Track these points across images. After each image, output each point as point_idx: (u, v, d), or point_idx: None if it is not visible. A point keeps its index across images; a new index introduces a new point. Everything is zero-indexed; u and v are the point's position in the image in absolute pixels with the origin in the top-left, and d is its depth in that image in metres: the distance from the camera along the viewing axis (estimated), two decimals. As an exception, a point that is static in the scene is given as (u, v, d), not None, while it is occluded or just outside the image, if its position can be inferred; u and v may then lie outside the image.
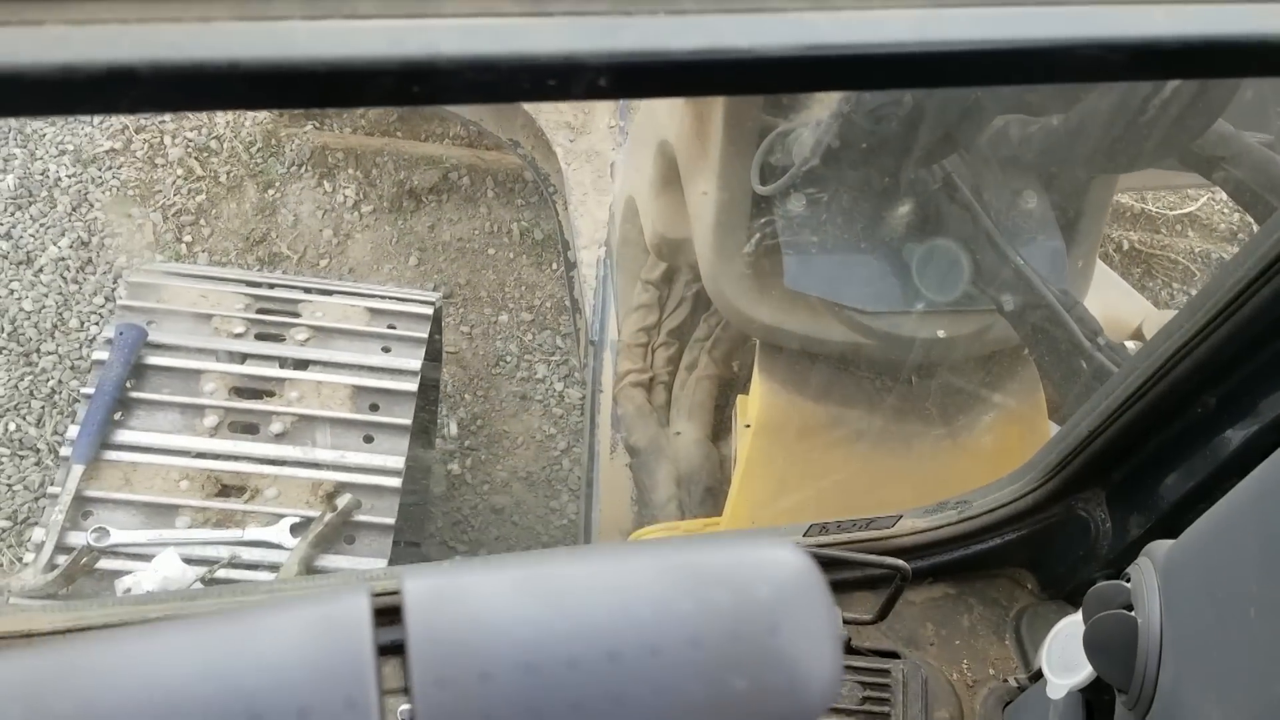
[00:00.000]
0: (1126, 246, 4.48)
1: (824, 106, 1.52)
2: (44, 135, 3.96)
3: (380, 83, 0.54)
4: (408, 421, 2.44)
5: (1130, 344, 2.09)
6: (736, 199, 1.63)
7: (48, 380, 3.43)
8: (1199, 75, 0.66)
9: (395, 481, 2.34)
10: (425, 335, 2.64)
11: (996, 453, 1.72)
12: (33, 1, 0.51)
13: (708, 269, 1.70)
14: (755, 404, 1.69)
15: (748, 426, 1.66)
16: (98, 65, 0.51)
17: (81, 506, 2.24)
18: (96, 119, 4.03)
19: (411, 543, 3.12)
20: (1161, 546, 0.98)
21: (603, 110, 3.49)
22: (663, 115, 1.94)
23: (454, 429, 3.41)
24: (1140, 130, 1.33)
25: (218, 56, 0.52)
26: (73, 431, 2.30)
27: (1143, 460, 1.27)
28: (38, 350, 3.49)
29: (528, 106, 3.55)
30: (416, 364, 2.55)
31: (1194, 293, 4.49)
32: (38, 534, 2.20)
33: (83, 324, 3.55)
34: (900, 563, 1.23)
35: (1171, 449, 1.23)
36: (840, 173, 1.54)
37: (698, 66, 0.57)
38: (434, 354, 2.91)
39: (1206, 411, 1.17)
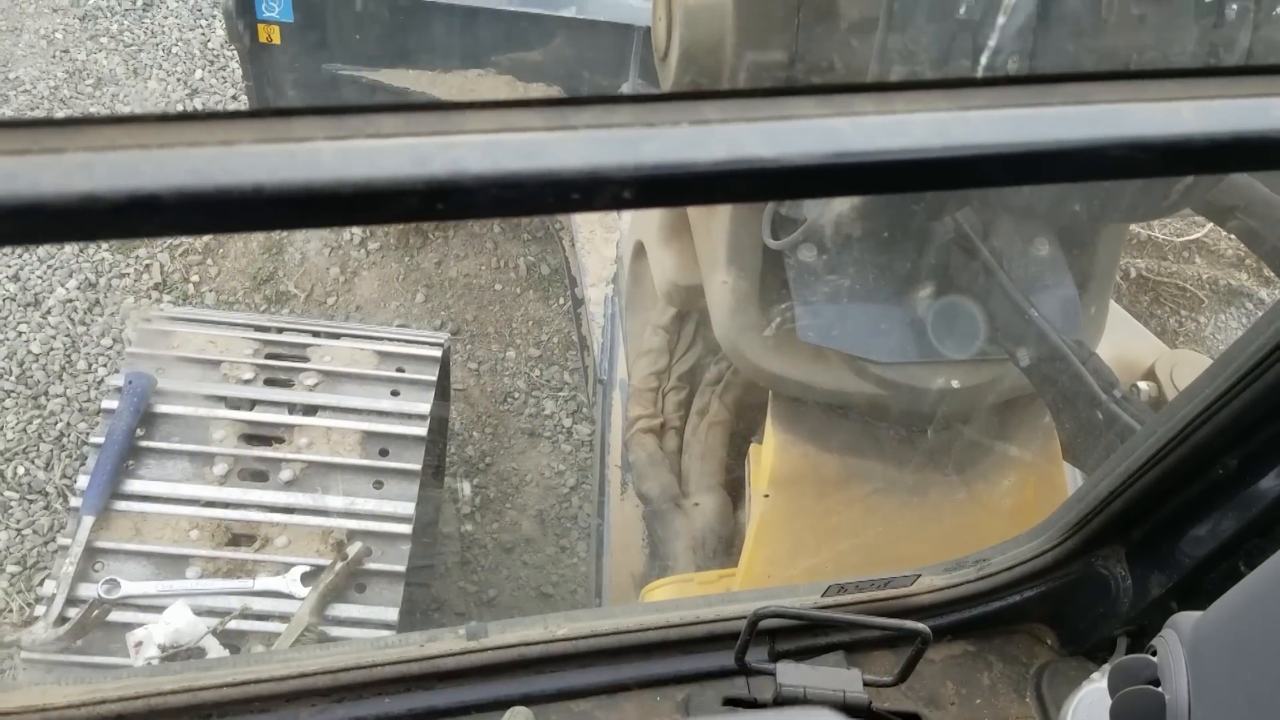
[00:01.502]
0: (1134, 274, 4.47)
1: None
2: (51, 177, 3.97)
3: (405, 201, 0.53)
4: (417, 467, 2.43)
5: (1143, 385, 2.08)
6: (748, 252, 1.62)
7: (56, 423, 3.43)
8: (1229, 170, 0.66)
9: (406, 528, 2.33)
10: (434, 378, 2.63)
11: (1011, 504, 1.70)
12: (53, 128, 0.51)
13: (720, 320, 1.69)
14: (769, 456, 1.68)
15: (766, 496, 1.65)
16: (120, 193, 0.50)
17: (92, 558, 2.23)
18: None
19: (420, 583, 3.10)
20: (1188, 619, 0.97)
21: (609, 147, 3.49)
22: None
23: (468, 490, 3.38)
24: (1158, 183, 1.33)
25: (242, 181, 0.51)
26: (83, 481, 2.29)
27: (1163, 519, 1.26)
28: (46, 393, 3.49)
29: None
30: (426, 407, 2.55)
31: (1202, 319, 4.48)
32: (48, 586, 2.19)
33: (90, 366, 3.55)
34: (921, 626, 1.21)
35: (1192, 509, 1.22)
36: (852, 225, 1.53)
37: (722, 176, 0.56)
38: (442, 392, 2.90)
39: (1228, 473, 1.16)
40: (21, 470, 3.34)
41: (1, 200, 0.49)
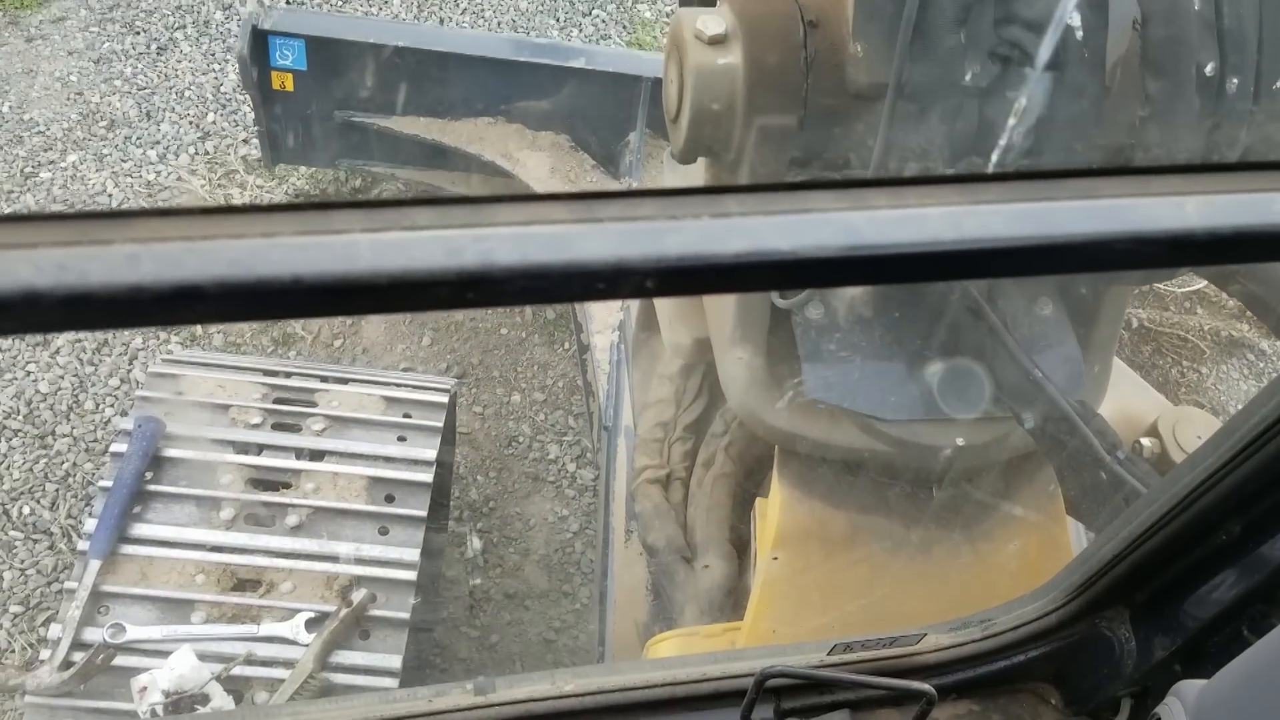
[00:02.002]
0: (1136, 324, 4.49)
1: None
2: (63, 217, 4.01)
3: (437, 292, 0.55)
4: (423, 513, 2.44)
5: (1146, 441, 2.09)
6: (755, 309, 1.65)
7: (62, 463, 3.44)
8: (1232, 262, 0.68)
9: (410, 575, 2.34)
10: (440, 424, 2.65)
11: (1016, 563, 1.71)
12: (101, 220, 0.53)
13: (727, 377, 1.71)
14: (775, 513, 1.69)
15: (775, 559, 1.66)
16: (165, 285, 0.52)
17: (98, 601, 2.24)
18: (116, 201, 4.09)
19: (423, 628, 3.10)
20: (1193, 688, 0.98)
21: (616, 195, 3.53)
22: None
23: (478, 544, 3.37)
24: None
25: (282, 273, 0.53)
26: (90, 525, 2.30)
27: (1167, 583, 1.27)
28: (53, 433, 3.51)
29: (540, 189, 3.61)
30: (432, 454, 2.56)
31: (1204, 370, 4.49)
32: (54, 630, 2.20)
33: (98, 406, 3.57)
34: (926, 687, 1.23)
35: (1196, 574, 1.23)
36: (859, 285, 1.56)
37: (741, 268, 0.58)
38: (448, 436, 2.92)
39: (1231, 539, 1.17)
40: (27, 510, 3.34)
41: (52, 290, 0.51)
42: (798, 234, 0.59)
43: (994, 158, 1.32)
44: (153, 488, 2.37)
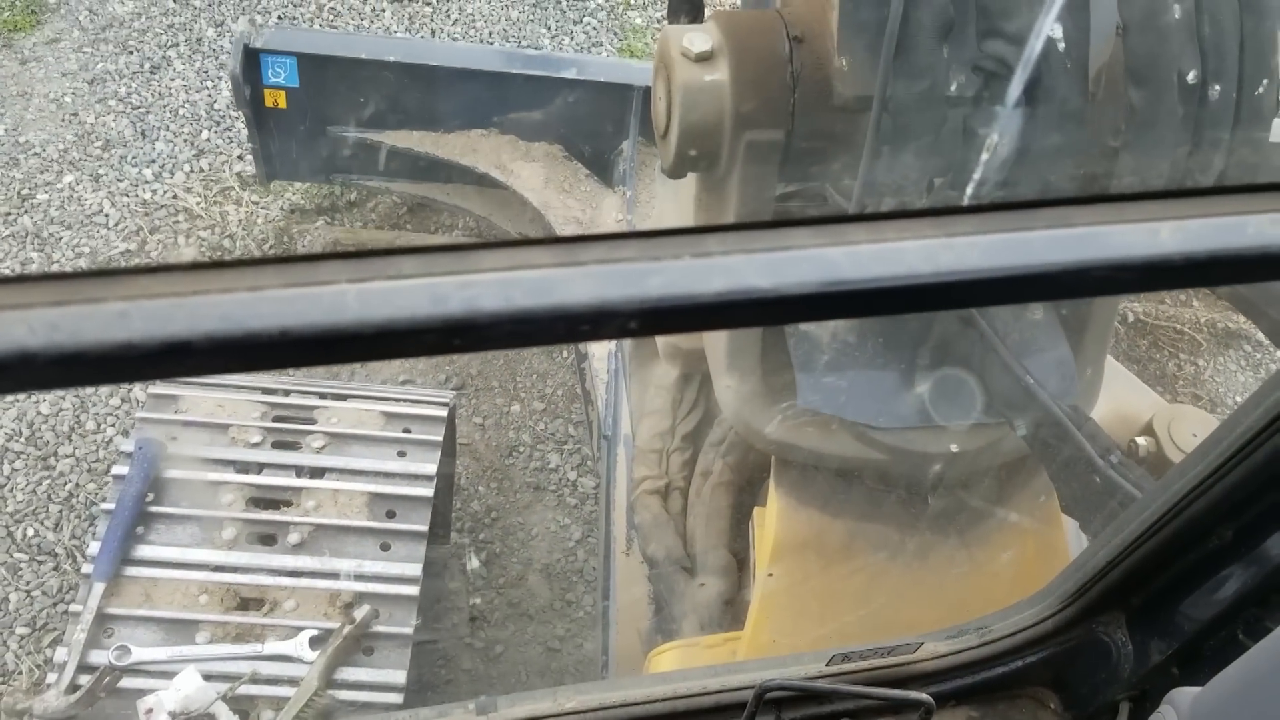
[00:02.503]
0: (1131, 319, 4.50)
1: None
2: (60, 239, 4.03)
3: (424, 339, 0.57)
4: (424, 528, 2.45)
5: (1141, 440, 2.10)
6: (747, 335, 1.66)
7: (65, 484, 3.45)
8: (1208, 285, 0.69)
9: (413, 590, 2.35)
10: (440, 438, 2.66)
11: (1012, 567, 1.72)
12: (92, 279, 0.54)
13: (721, 387, 1.72)
14: (773, 522, 1.70)
15: (770, 575, 1.67)
16: (155, 341, 0.53)
17: (103, 624, 2.25)
18: (113, 220, 4.10)
19: (428, 640, 3.11)
20: (1186, 695, 0.99)
21: (611, 205, 3.54)
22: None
23: (476, 563, 3.38)
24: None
25: (269, 326, 0.54)
26: (93, 548, 2.31)
27: (1162, 588, 1.28)
28: (55, 454, 3.52)
29: (535, 200, 3.62)
30: (432, 468, 2.57)
31: (1201, 362, 4.50)
32: (60, 653, 2.21)
33: (99, 426, 3.58)
34: (924, 697, 1.24)
35: (1190, 578, 1.24)
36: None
37: (724, 307, 0.59)
38: (448, 449, 2.93)
39: (1223, 544, 1.18)
40: (31, 531, 3.36)
41: (44, 349, 0.52)
42: (778, 271, 0.60)
43: (978, 169, 1.33)
44: (155, 509, 2.38)
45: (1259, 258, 0.64)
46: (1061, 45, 1.28)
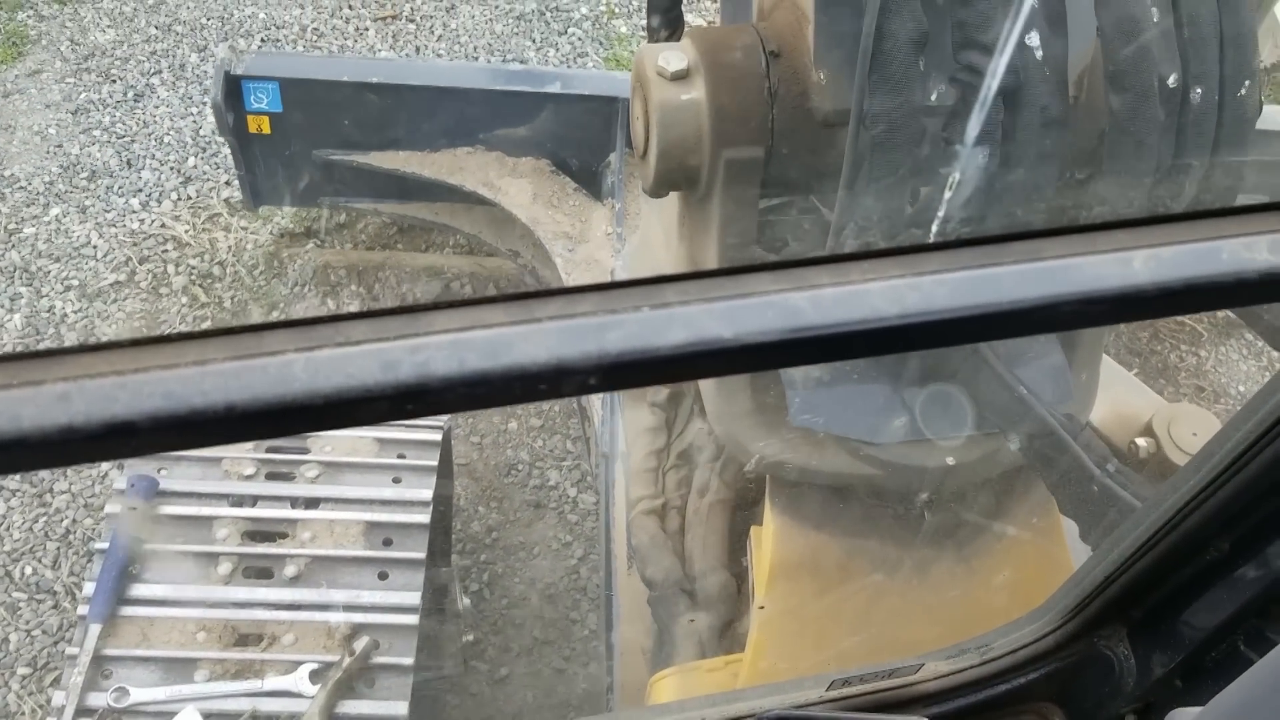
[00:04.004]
0: (1130, 311, 4.48)
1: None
2: (49, 272, 4.02)
3: (376, 407, 0.55)
4: (422, 555, 2.43)
5: (1141, 441, 2.09)
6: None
7: (62, 520, 3.44)
8: (1183, 313, 0.67)
9: (412, 619, 2.33)
10: (435, 462, 2.64)
11: (1013, 579, 1.70)
12: (32, 360, 0.53)
13: (712, 407, 1.70)
14: (769, 543, 1.68)
15: (761, 608, 1.65)
16: (96, 423, 0.51)
17: (100, 666, 2.23)
18: (101, 252, 4.09)
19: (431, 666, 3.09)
20: (1186, 716, 0.97)
21: (600, 218, 3.53)
22: (659, 249, 1.96)
23: (468, 601, 3.34)
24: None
25: (214, 402, 0.53)
26: (89, 588, 2.30)
27: (1161, 600, 1.26)
28: (50, 490, 3.50)
29: (524, 216, 3.60)
30: (428, 493, 2.56)
31: (1203, 353, 4.48)
32: (58, 698, 2.19)
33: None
34: (925, 721, 1.22)
35: (1189, 591, 1.23)
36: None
37: (685, 358, 0.58)
38: (444, 471, 2.91)
39: (1220, 556, 1.17)
40: (29, 570, 3.34)
41: (-18, 437, 0.51)
42: (739, 320, 0.58)
43: (961, 178, 1.32)
44: (149, 546, 2.36)
45: (1234, 284, 0.63)
46: (1039, 53, 1.26)
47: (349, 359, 0.55)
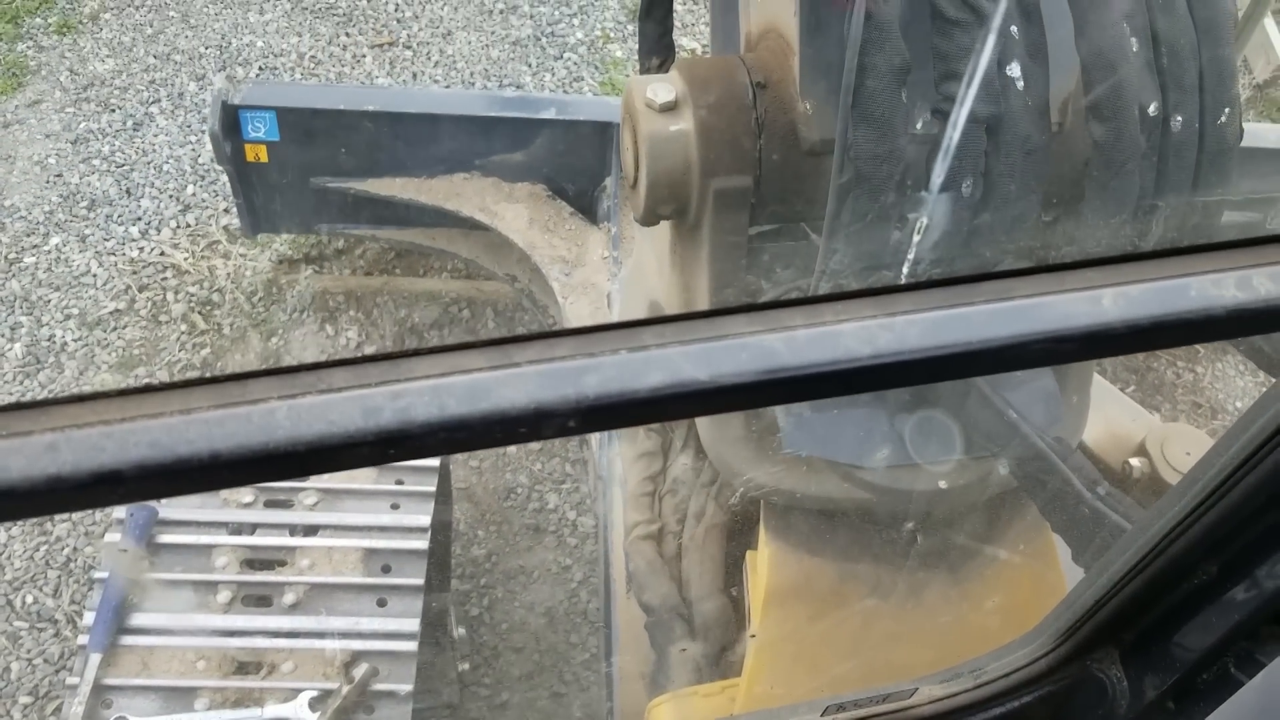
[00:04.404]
0: (1126, 328, 4.49)
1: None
2: (49, 301, 4.04)
3: (359, 452, 0.56)
4: (420, 581, 2.44)
5: (1135, 462, 2.09)
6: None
7: (63, 548, 3.44)
8: (1153, 349, 0.69)
9: (411, 646, 2.34)
10: (433, 488, 2.65)
11: (1007, 601, 1.71)
12: (21, 411, 0.54)
13: (706, 433, 1.71)
14: (764, 568, 1.69)
15: (753, 636, 1.66)
16: (83, 473, 0.53)
17: (101, 695, 2.23)
18: (101, 281, 4.11)
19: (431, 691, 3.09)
20: (1175, 741, 0.98)
21: (596, 242, 3.55)
22: (652, 275, 1.98)
23: (463, 631, 3.33)
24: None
25: (199, 450, 0.54)
26: (88, 618, 2.30)
27: (1152, 623, 1.27)
28: (51, 518, 3.51)
29: (520, 241, 3.62)
30: (426, 519, 2.56)
31: (1199, 369, 4.48)
32: (57, 728, 2.19)
33: (95, 488, 3.57)
34: (918, 747, 1.22)
35: (1180, 612, 1.23)
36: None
37: (661, 400, 0.59)
38: (442, 497, 2.91)
39: (1210, 578, 1.17)
40: (30, 599, 3.34)
41: (-29, 487, 0.52)
42: (714, 362, 0.59)
43: (944, 207, 1.33)
44: (149, 575, 2.37)
45: (1203, 320, 0.64)
46: (1020, 84, 1.28)
47: (331, 406, 0.56)
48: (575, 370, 0.58)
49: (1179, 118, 1.28)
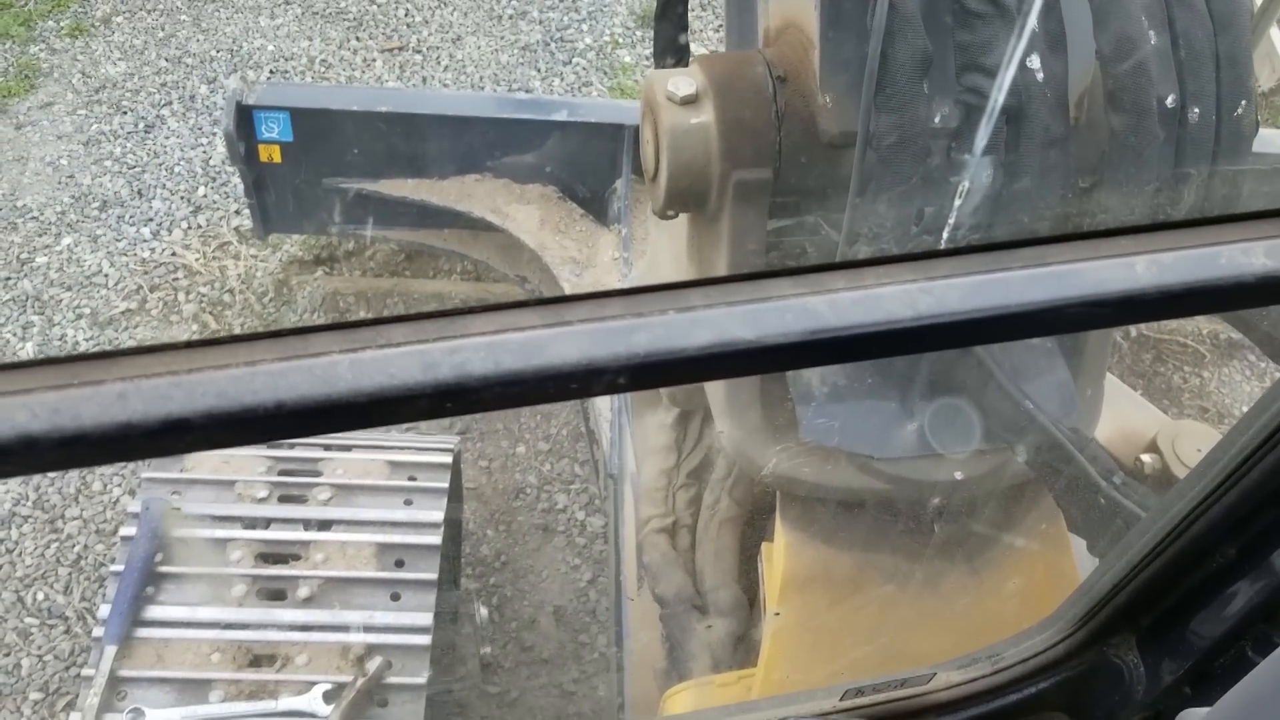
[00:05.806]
0: (1134, 333, 4.51)
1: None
2: (61, 301, 4.06)
3: (416, 404, 0.58)
4: (433, 576, 2.45)
5: (1146, 458, 2.10)
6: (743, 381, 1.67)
7: (74, 546, 3.46)
8: (1182, 315, 0.70)
9: (425, 639, 2.35)
10: (446, 485, 2.67)
11: (1023, 590, 1.72)
12: (90, 361, 0.55)
13: (723, 423, 1.73)
14: (781, 558, 1.70)
15: (777, 614, 1.67)
16: (154, 420, 0.54)
17: (116, 687, 2.24)
18: (112, 281, 4.13)
19: (442, 690, 3.09)
20: (1195, 717, 0.99)
21: (607, 243, 3.57)
22: (668, 270, 1.99)
23: (485, 613, 3.36)
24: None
25: (264, 400, 0.55)
26: (104, 610, 2.32)
27: (1169, 608, 1.28)
28: (62, 516, 3.52)
29: (532, 242, 3.64)
30: (439, 515, 2.58)
31: (1206, 374, 4.50)
32: (73, 718, 2.20)
33: (105, 487, 3.59)
34: (938, 729, 1.23)
35: (1196, 598, 1.25)
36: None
37: (708, 359, 0.61)
38: (454, 494, 2.93)
39: (1227, 562, 1.19)
40: (41, 595, 3.36)
41: (47, 433, 0.54)
42: (760, 323, 0.61)
43: (964, 198, 1.35)
44: (164, 569, 2.38)
45: (1232, 287, 0.66)
46: (1040, 75, 1.30)
47: (390, 360, 0.58)
48: (625, 329, 0.60)
49: (1196, 109, 1.30)
